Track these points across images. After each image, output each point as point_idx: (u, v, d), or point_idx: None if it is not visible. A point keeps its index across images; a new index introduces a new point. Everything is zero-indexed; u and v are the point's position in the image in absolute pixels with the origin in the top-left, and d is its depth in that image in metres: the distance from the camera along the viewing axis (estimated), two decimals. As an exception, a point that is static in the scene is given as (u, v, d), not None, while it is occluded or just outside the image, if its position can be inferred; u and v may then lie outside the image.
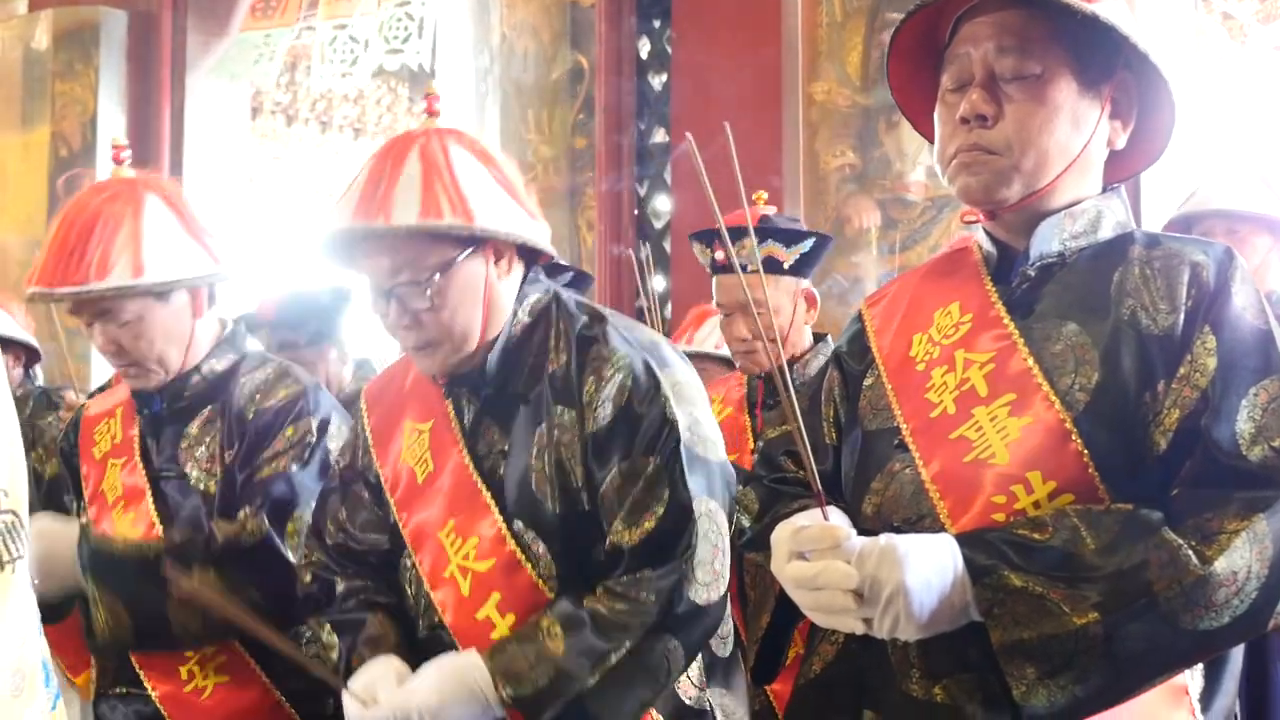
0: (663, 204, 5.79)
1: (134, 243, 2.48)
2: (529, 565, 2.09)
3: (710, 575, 2.05)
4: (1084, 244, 1.82)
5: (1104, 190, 1.87)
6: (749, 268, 3.20)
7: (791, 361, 3.29)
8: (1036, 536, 1.63)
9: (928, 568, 1.61)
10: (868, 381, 1.92)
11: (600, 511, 2.09)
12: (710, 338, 4.27)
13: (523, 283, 2.21)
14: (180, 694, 2.54)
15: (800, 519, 1.74)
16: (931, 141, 1.90)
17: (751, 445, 3.17)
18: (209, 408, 2.63)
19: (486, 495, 2.13)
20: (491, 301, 2.15)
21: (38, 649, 1.04)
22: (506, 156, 2.23)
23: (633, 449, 2.07)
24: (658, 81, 5.83)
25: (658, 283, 5.77)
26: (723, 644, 2.24)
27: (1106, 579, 1.58)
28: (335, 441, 2.60)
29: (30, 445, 3.68)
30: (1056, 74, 1.76)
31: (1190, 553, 1.57)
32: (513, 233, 2.12)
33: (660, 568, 2.04)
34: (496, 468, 2.15)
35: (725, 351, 4.29)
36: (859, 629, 1.66)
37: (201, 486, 2.57)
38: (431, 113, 2.20)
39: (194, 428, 2.62)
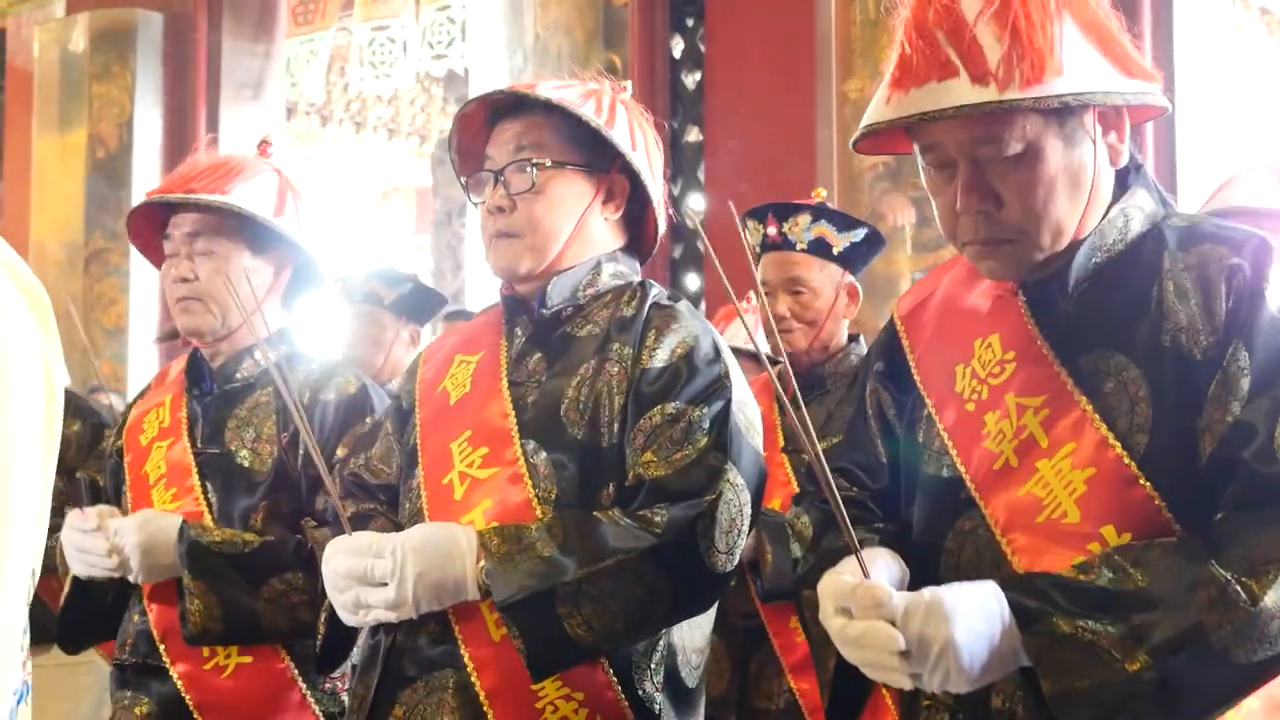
0: (696, 203, 5.78)
1: (255, 187, 2.58)
2: (530, 482, 2.07)
3: (725, 545, 2.01)
4: (1120, 249, 1.76)
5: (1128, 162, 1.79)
6: (797, 245, 3.21)
7: (824, 356, 3.28)
8: (1082, 577, 1.59)
9: (976, 619, 1.57)
10: (922, 412, 1.86)
11: (624, 446, 2.08)
12: (738, 336, 4.27)
13: (620, 252, 2.26)
14: (199, 671, 2.53)
15: (845, 569, 1.68)
16: (901, 153, 1.86)
17: (781, 443, 3.16)
18: (260, 392, 2.65)
19: (510, 412, 2.13)
20: (583, 229, 2.20)
21: (9, 708, 1.02)
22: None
23: (682, 396, 2.07)
24: (691, 80, 5.82)
25: (691, 281, 5.77)
26: (691, 671, 2.19)
27: (1155, 620, 1.54)
28: None
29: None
30: (1039, 142, 1.67)
31: (1239, 589, 1.53)
32: (631, 158, 2.18)
33: (679, 503, 2.01)
34: (528, 393, 2.15)
35: (752, 347, 4.30)
36: (908, 685, 1.61)
37: (246, 464, 2.58)
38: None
39: (243, 410, 2.64)
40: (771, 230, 3.25)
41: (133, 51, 7.44)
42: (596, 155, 2.18)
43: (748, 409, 2.15)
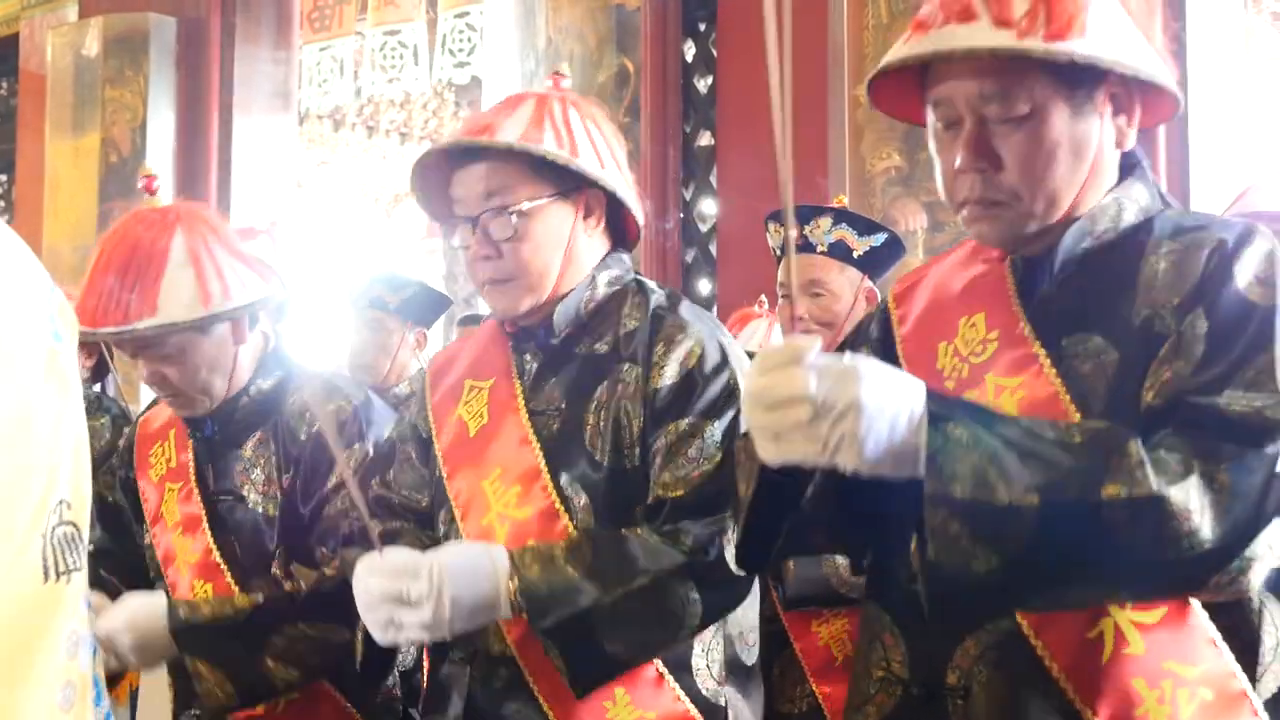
0: (709, 207, 5.79)
1: (172, 278, 2.47)
2: (567, 516, 2.11)
3: None
4: (1109, 238, 1.75)
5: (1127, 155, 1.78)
6: (817, 248, 3.23)
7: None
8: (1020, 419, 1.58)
9: (886, 393, 1.52)
10: None
11: (649, 466, 2.11)
12: (753, 339, 4.29)
13: (607, 255, 2.26)
14: (253, 713, 2.55)
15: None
16: (914, 123, 1.85)
17: None
18: (260, 429, 2.64)
19: (535, 446, 2.15)
20: (572, 253, 2.19)
21: (89, 663, 1.04)
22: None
23: (693, 411, 2.10)
24: (703, 85, 5.83)
25: (703, 286, 5.77)
26: (748, 650, 2.24)
27: (1059, 466, 1.51)
28: None
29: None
30: (1046, 107, 1.68)
31: (1149, 470, 1.49)
32: (603, 178, 2.17)
33: (701, 519, 2.04)
34: (550, 422, 2.17)
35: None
36: (812, 454, 1.53)
37: (260, 509, 2.59)
38: (557, 88, 2.28)
39: (247, 449, 2.64)
40: (794, 232, 3.27)
41: (146, 56, 7.45)
42: (566, 176, 2.16)
43: None
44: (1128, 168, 1.80)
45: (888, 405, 1.52)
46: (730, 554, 2.00)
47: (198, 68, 7.48)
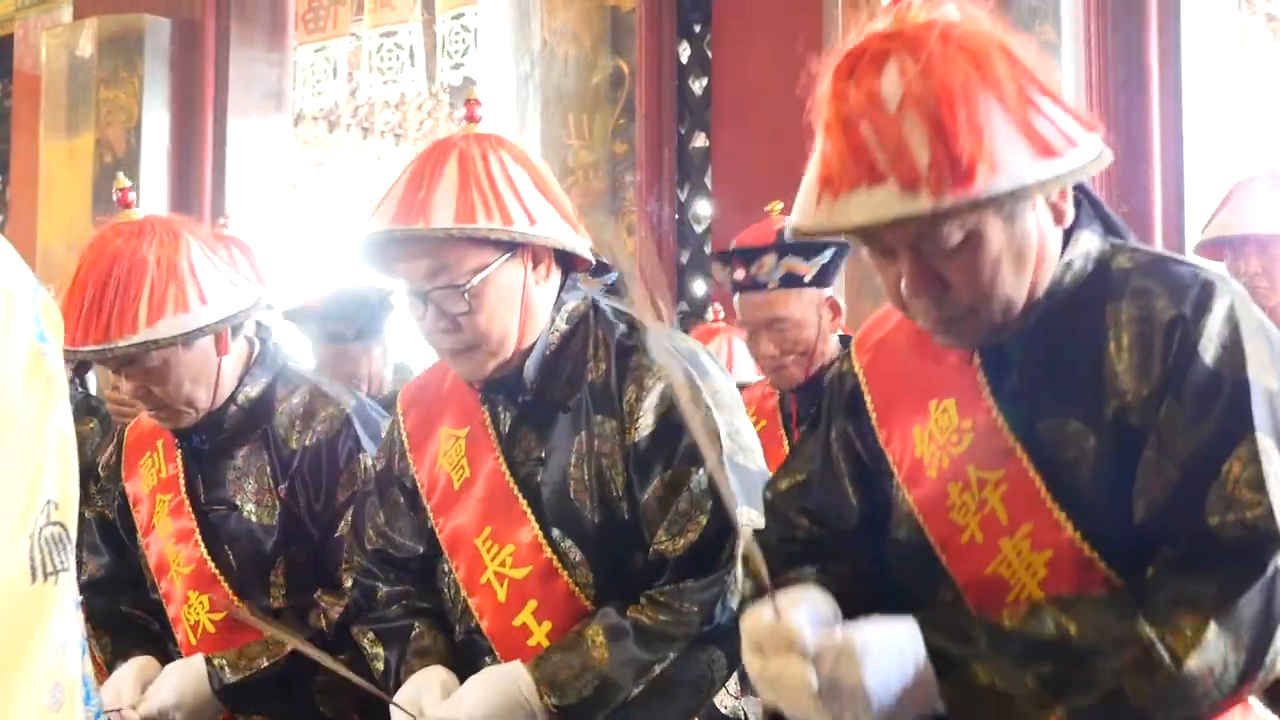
0: (703, 209, 5.80)
1: (152, 293, 2.45)
2: (565, 573, 2.11)
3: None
4: (1063, 299, 1.71)
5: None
6: (768, 285, 3.19)
7: (821, 371, 3.28)
8: (1007, 624, 1.59)
9: (888, 662, 1.57)
10: (883, 466, 1.84)
11: (641, 521, 2.10)
12: (718, 357, 4.27)
13: (560, 289, 2.21)
14: None
15: (764, 611, 1.65)
16: None
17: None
18: (250, 437, 2.62)
19: (523, 502, 2.14)
20: (529, 307, 2.14)
21: (79, 664, 1.04)
22: (546, 163, 2.24)
23: (675, 459, 2.08)
24: (698, 86, 5.83)
25: (698, 287, 5.78)
26: None
27: (1077, 675, 1.54)
28: None
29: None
30: (980, 229, 1.61)
31: (1163, 651, 1.51)
32: (550, 238, 2.12)
33: (703, 578, 2.05)
34: (533, 475, 2.15)
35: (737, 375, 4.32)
36: None
37: (255, 519, 2.58)
38: (472, 119, 2.21)
39: (239, 458, 2.62)
40: (739, 274, 3.24)
41: (140, 57, 7.45)
42: (507, 238, 2.10)
43: (743, 436, 2.16)
44: (1074, 209, 1.73)
45: (892, 674, 1.57)
46: (736, 603, 2.02)
47: (192, 69, 7.47)
